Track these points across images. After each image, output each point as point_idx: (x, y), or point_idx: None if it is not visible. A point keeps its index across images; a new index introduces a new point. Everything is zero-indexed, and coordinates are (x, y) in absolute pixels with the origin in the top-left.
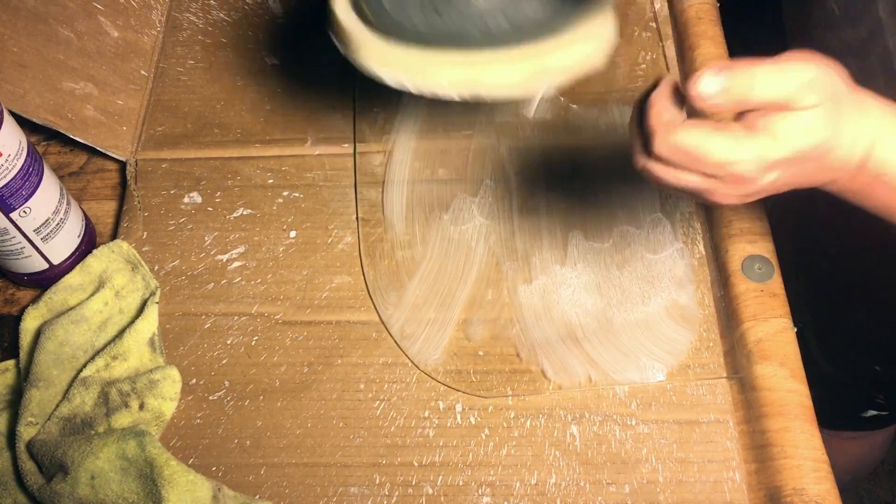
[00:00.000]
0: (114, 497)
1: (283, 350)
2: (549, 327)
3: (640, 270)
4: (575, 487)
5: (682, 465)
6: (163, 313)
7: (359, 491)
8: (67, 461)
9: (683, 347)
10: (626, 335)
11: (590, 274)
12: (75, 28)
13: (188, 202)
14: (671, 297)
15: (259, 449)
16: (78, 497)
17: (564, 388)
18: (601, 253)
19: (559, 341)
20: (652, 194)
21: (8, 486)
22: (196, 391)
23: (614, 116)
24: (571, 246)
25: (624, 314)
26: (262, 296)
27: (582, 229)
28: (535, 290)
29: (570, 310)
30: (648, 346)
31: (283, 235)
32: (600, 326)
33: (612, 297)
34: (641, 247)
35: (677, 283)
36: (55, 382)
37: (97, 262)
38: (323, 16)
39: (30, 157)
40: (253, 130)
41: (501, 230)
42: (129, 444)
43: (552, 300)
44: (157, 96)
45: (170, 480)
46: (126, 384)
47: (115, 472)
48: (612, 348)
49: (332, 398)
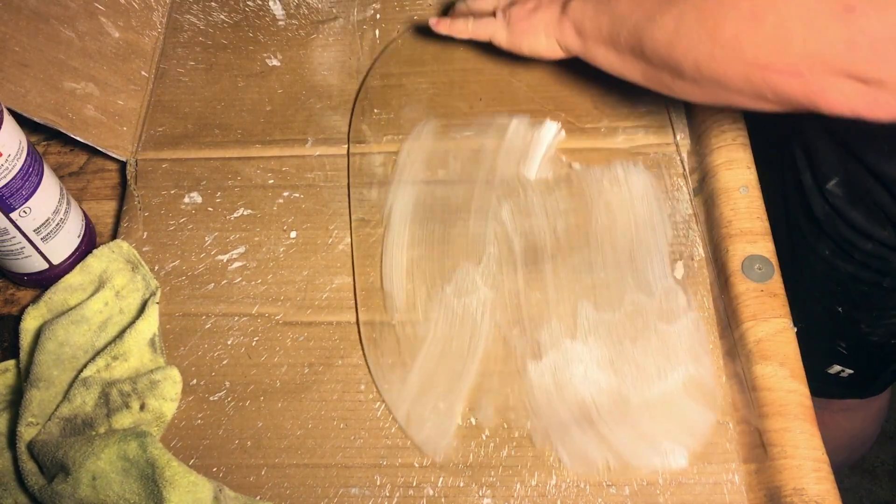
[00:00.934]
0: (115, 498)
1: (283, 351)
2: (562, 408)
3: (655, 343)
4: (575, 489)
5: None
6: (163, 313)
7: (360, 492)
8: (69, 462)
9: (705, 429)
10: (644, 416)
11: (602, 348)
12: (77, 28)
13: (188, 202)
14: (688, 371)
15: (260, 450)
16: (79, 498)
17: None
18: (613, 325)
19: (573, 423)
20: (662, 259)
21: (8, 487)
22: (197, 392)
23: (618, 174)
24: (581, 317)
25: (640, 392)
26: (262, 296)
27: (591, 299)
28: (545, 367)
29: (584, 388)
30: (668, 428)
31: (284, 236)
32: (616, 406)
33: (626, 374)
34: (654, 317)
35: (694, 356)
36: (56, 383)
37: (97, 262)
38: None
39: (30, 157)
40: (253, 131)
41: (507, 302)
42: (131, 445)
43: (564, 378)
44: (158, 97)
45: (171, 481)
46: (127, 385)
47: (116, 472)
48: (629, 430)
49: (333, 399)
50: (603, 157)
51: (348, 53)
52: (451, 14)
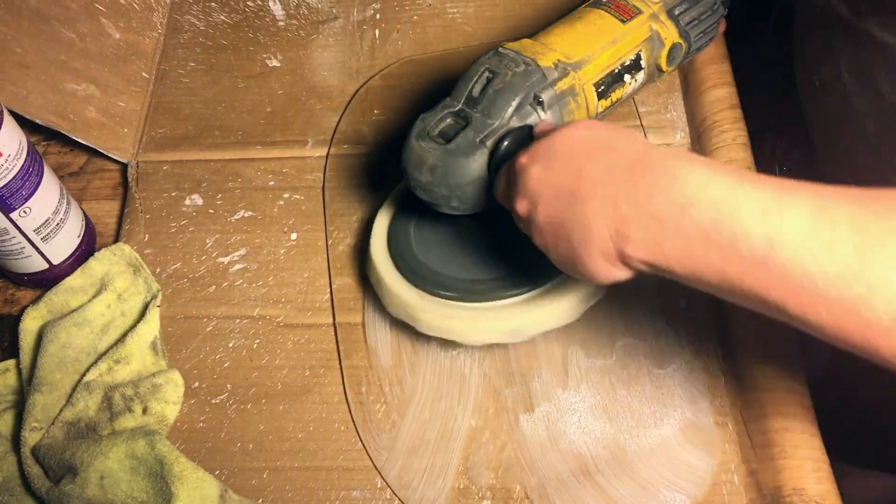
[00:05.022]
0: (123, 497)
1: (284, 353)
2: (557, 461)
3: (649, 388)
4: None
5: None
6: (165, 316)
7: (361, 495)
8: (76, 462)
9: (706, 475)
10: (642, 464)
11: (595, 396)
12: (78, 29)
13: (189, 204)
14: (685, 416)
15: (262, 452)
16: (87, 497)
17: None
18: (605, 371)
19: (570, 477)
20: (652, 302)
21: (15, 492)
22: (199, 395)
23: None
24: (572, 365)
25: (637, 440)
26: (263, 298)
27: (581, 345)
28: (538, 419)
29: (579, 439)
30: (667, 476)
31: (284, 238)
32: (613, 457)
33: (622, 422)
34: (647, 361)
35: (689, 400)
36: (58, 386)
37: (99, 264)
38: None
39: (30, 157)
40: (253, 132)
41: (496, 352)
42: (139, 444)
43: (558, 430)
44: (158, 98)
45: (180, 477)
46: (129, 388)
47: (124, 471)
48: (628, 481)
49: (334, 401)
50: None
51: (348, 54)
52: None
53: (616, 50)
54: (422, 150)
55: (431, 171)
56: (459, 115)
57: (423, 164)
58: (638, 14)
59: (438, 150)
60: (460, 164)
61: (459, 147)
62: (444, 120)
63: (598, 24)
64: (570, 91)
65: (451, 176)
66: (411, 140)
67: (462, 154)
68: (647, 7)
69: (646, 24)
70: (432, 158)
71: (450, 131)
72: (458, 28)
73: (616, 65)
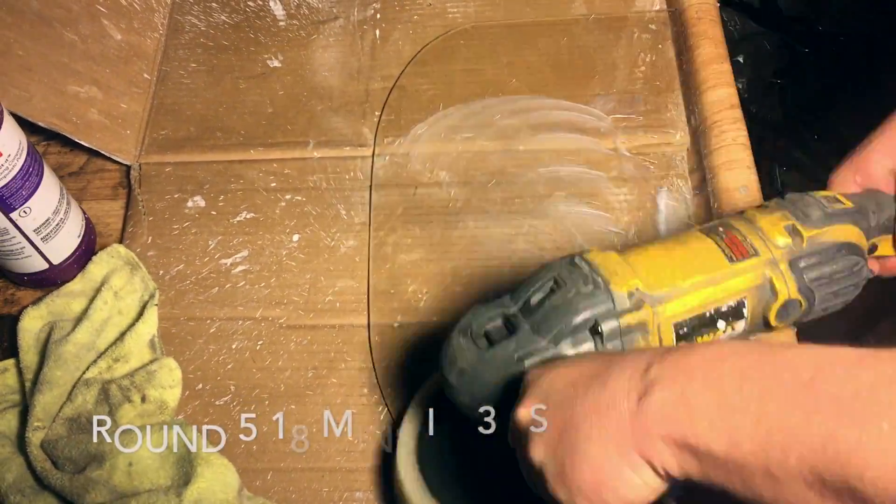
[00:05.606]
0: (149, 485)
1: (287, 354)
2: None
3: None
4: None
5: None
6: (168, 317)
7: (364, 496)
8: (105, 450)
9: None
10: None
11: None
12: (79, 31)
13: (192, 206)
14: None
15: (265, 454)
16: (113, 485)
17: None
18: None
19: None
20: None
21: (25, 493)
22: (202, 396)
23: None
24: None
25: None
26: (266, 300)
27: None
28: None
29: None
30: None
31: (287, 239)
32: None
33: None
34: None
35: None
36: (59, 384)
37: (97, 268)
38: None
39: (30, 157)
40: (255, 134)
41: None
42: (171, 432)
43: None
44: (160, 99)
45: (206, 459)
46: (125, 380)
47: (153, 458)
48: None
49: (337, 402)
50: (603, 157)
51: (349, 54)
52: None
53: (713, 292)
54: (459, 348)
55: (459, 375)
56: (510, 321)
57: (454, 364)
58: (752, 256)
59: (473, 353)
60: (489, 376)
61: (495, 358)
62: (495, 320)
63: (701, 257)
64: (641, 327)
65: (476, 386)
66: (454, 334)
67: (494, 367)
68: (767, 251)
69: (759, 269)
70: (464, 361)
71: (495, 335)
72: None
73: (709, 308)
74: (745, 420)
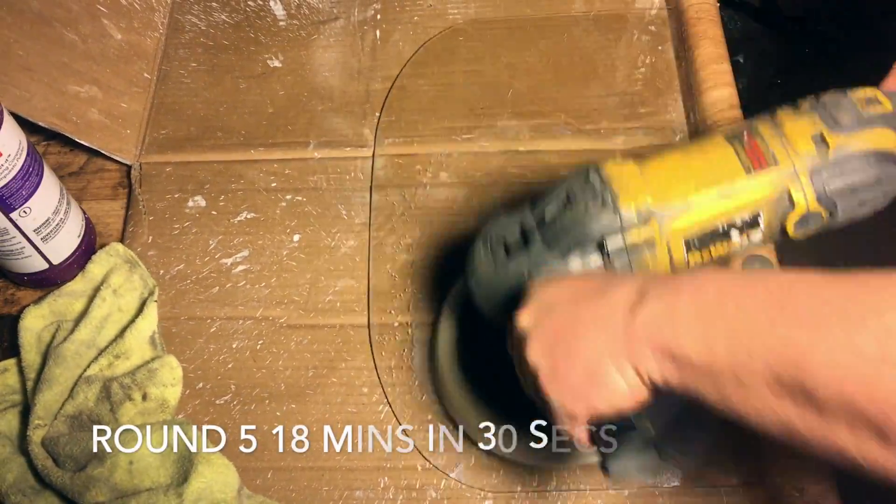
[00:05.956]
0: (149, 483)
1: (287, 354)
2: None
3: None
4: (575, 491)
5: None
6: (169, 317)
7: (364, 494)
8: (105, 447)
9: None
10: None
11: None
12: (79, 31)
13: (192, 206)
14: None
15: (266, 452)
16: (113, 483)
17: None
18: None
19: None
20: None
21: (26, 492)
22: (203, 395)
23: None
24: None
25: None
26: (266, 299)
27: None
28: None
29: None
30: None
31: (287, 239)
32: None
33: None
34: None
35: None
36: (59, 381)
37: (97, 267)
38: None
39: (30, 157)
40: (256, 134)
41: None
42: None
43: None
44: (161, 99)
45: (207, 458)
46: (126, 378)
47: (153, 457)
48: None
49: (337, 402)
50: (603, 157)
51: (349, 54)
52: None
53: (725, 206)
54: (479, 257)
55: (477, 284)
56: (527, 233)
57: (474, 272)
58: (771, 166)
59: (490, 263)
60: (502, 287)
61: (508, 270)
62: (514, 231)
63: (718, 168)
64: (648, 242)
65: (491, 294)
66: (477, 241)
67: (507, 278)
68: (789, 160)
69: (777, 182)
70: (481, 270)
71: (513, 246)
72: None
73: (721, 221)
74: (720, 330)
